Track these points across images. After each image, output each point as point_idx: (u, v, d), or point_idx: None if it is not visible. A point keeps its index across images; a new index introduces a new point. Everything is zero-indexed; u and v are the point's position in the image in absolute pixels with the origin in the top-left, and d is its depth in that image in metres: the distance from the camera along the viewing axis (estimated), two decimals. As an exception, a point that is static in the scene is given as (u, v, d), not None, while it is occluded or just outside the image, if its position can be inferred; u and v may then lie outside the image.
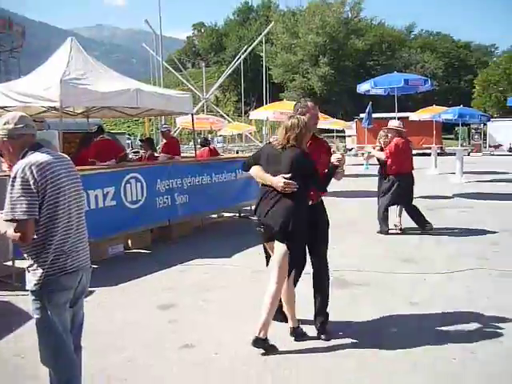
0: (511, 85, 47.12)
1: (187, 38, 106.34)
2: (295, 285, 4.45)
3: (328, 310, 4.60)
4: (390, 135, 9.07)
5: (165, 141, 11.19)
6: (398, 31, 70.03)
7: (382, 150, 9.21)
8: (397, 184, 8.74)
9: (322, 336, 4.44)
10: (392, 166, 8.73)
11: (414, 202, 9.12)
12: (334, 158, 4.27)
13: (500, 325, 4.67)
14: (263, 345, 4.13)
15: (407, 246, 7.95)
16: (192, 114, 10.90)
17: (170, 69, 44.40)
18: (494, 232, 8.82)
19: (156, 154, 10.53)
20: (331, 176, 4.28)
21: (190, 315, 5.10)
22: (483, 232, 8.83)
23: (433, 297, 5.51)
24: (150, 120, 37.81)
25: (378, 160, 9.29)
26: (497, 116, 43.33)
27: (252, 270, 6.55)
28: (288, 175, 4.00)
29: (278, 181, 4.02)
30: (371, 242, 8.29)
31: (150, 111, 10.52)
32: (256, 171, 4.32)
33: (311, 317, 4.63)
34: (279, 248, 4.12)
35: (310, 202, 4.37)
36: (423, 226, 8.82)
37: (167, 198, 8.35)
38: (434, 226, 8.87)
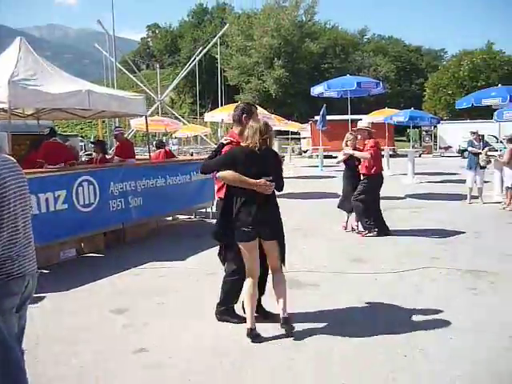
0: (460, 88, 48.67)
1: (141, 39, 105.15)
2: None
3: None
4: (359, 136, 8.93)
5: (118, 143, 11.02)
6: (351, 35, 71.27)
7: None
8: (375, 184, 8.79)
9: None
10: (374, 166, 8.69)
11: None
12: None
13: (448, 322, 4.81)
14: (290, 325, 4.48)
15: (361, 247, 8.09)
16: (146, 116, 10.78)
17: (124, 70, 43.67)
18: (445, 231, 9.09)
19: (108, 157, 10.36)
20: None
21: (145, 319, 5.04)
22: (434, 232, 9.08)
23: (383, 296, 5.62)
24: (104, 122, 37.15)
25: (346, 162, 9.07)
26: (446, 118, 44.76)
27: (207, 272, 6.54)
28: (270, 177, 4.30)
29: (264, 183, 4.26)
30: (327, 243, 8.40)
31: (102, 113, 10.33)
32: (233, 176, 4.30)
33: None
34: (274, 245, 4.48)
35: None
36: (384, 229, 8.84)
37: (121, 201, 8.23)
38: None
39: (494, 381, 3.76)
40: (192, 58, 41.82)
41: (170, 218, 10.78)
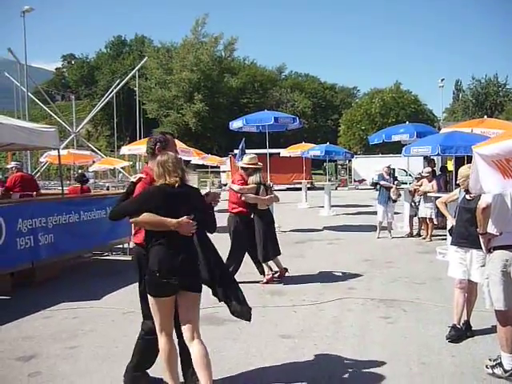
0: (372, 124, 51.13)
1: (56, 69, 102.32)
2: None
3: None
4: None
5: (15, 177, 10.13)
6: (270, 71, 73.36)
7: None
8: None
9: None
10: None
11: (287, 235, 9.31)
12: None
13: (365, 352, 4.90)
14: None
15: (278, 280, 8.06)
16: (58, 149, 10.37)
17: (37, 101, 42.13)
18: (359, 262, 9.33)
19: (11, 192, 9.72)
20: None
21: (56, 365, 4.71)
22: (350, 263, 9.30)
23: (302, 328, 5.65)
24: (14, 154, 35.50)
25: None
26: (360, 153, 46.83)
27: (124, 311, 6.29)
28: (191, 216, 3.66)
29: (187, 222, 3.61)
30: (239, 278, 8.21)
31: (11, 145, 9.82)
32: (148, 218, 3.59)
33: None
34: (196, 299, 3.77)
35: None
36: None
37: (29, 239, 7.74)
38: (304, 258, 9.10)
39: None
40: (110, 90, 41.12)
41: (85, 256, 10.32)
